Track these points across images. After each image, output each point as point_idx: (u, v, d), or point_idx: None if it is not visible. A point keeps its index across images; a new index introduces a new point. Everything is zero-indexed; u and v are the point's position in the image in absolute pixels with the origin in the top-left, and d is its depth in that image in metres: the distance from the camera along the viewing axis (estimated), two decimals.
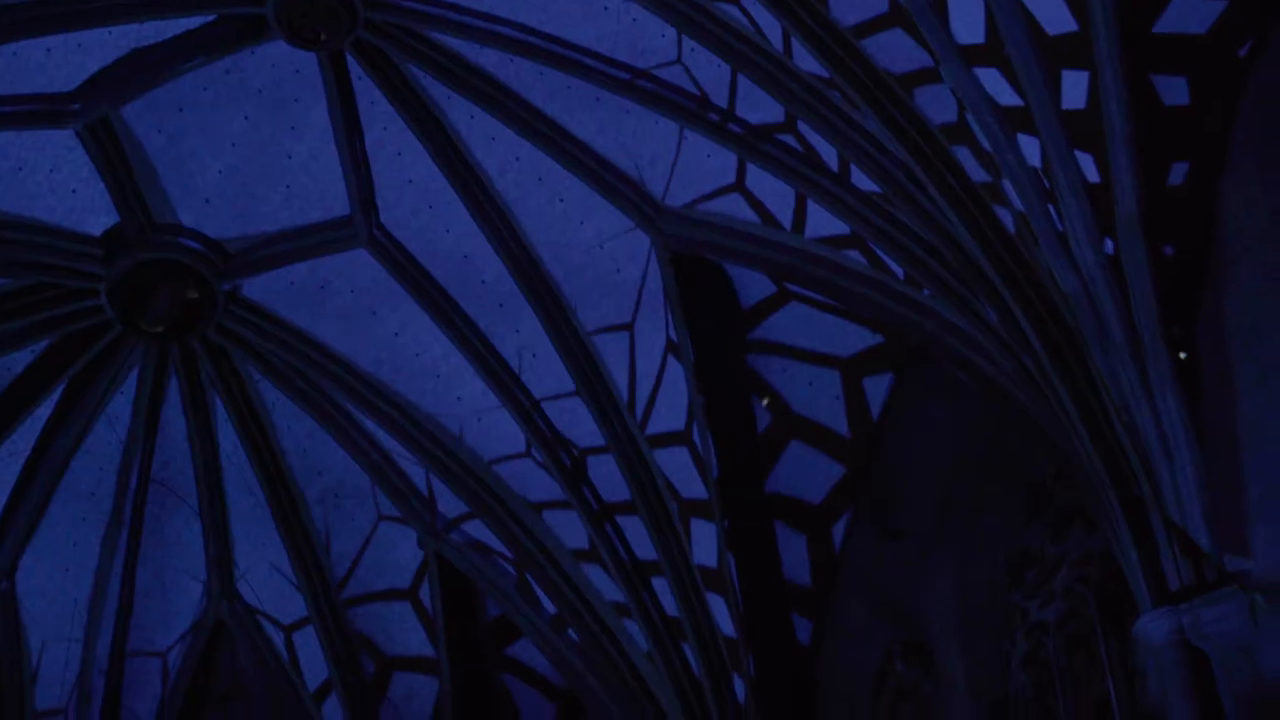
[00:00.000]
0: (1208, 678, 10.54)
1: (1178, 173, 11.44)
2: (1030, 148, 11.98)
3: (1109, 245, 11.64)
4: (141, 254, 16.56)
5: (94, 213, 16.39)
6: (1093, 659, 12.69)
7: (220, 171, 16.28)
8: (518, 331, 16.78)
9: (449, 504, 17.92)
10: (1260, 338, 10.84)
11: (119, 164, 15.93)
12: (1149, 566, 11.20)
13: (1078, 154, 11.63)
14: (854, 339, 15.85)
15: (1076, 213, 11.75)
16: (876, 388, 15.97)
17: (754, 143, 14.65)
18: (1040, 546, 13.36)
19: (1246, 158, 11.17)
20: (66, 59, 15.17)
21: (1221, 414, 11.00)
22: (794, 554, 16.31)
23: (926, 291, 13.78)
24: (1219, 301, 11.21)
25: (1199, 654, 10.59)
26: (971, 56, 11.97)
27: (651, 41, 14.78)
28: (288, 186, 16.47)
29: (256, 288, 17.22)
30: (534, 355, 16.79)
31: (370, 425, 17.71)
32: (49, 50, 15.08)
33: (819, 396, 16.22)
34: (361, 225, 16.54)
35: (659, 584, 16.68)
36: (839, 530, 16.17)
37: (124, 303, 16.84)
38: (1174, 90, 11.26)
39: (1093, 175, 11.63)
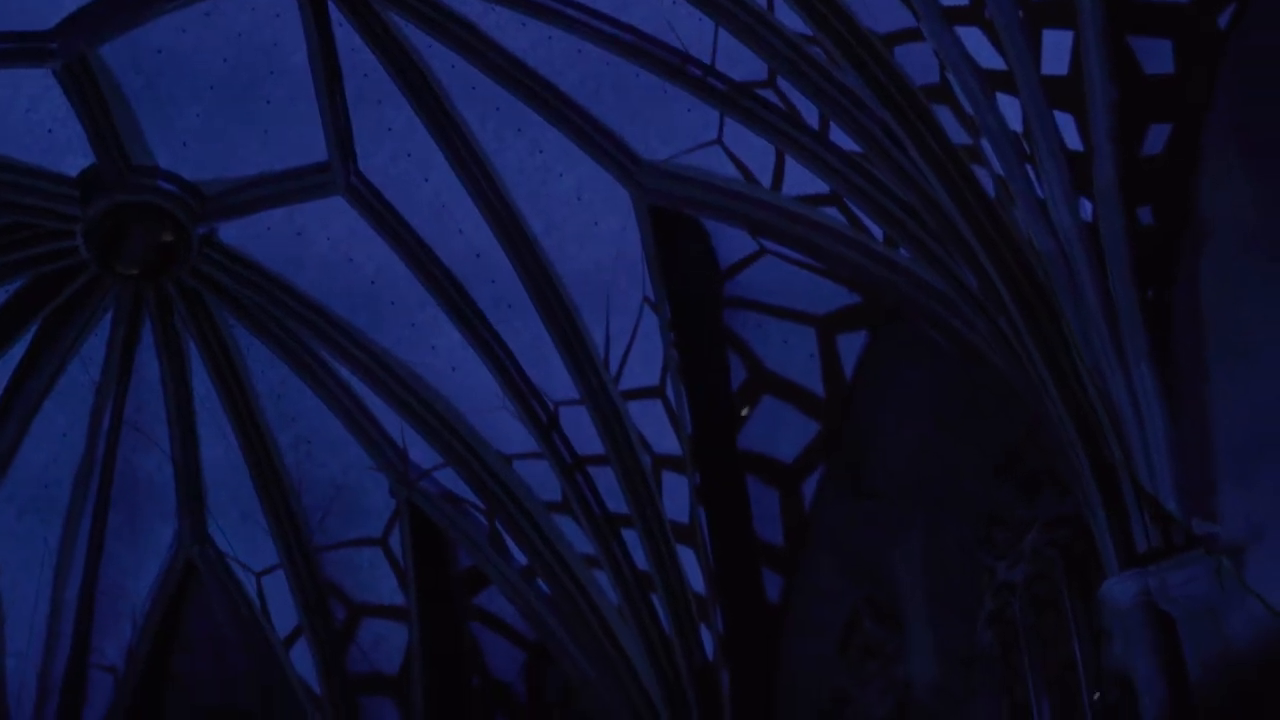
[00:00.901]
0: (1173, 640, 10.60)
1: (1158, 139, 11.46)
2: (1011, 111, 11.99)
3: (1087, 210, 11.66)
4: (118, 195, 16.47)
5: (70, 153, 16.28)
6: (1059, 620, 12.75)
7: (198, 114, 16.19)
8: (494, 282, 16.76)
9: (422, 453, 17.93)
10: (1235, 303, 10.88)
11: (96, 104, 15.82)
12: (1117, 530, 11.25)
13: (1058, 118, 11.64)
14: (830, 298, 15.84)
15: (1055, 177, 11.76)
16: (852, 347, 15.98)
17: (735, 98, 14.63)
18: (1010, 508, 13.41)
19: (1226, 123, 11.18)
20: None
21: (1194, 379, 11.05)
22: (765, 511, 16.36)
23: (903, 251, 13.80)
24: (1194, 267, 11.24)
25: (1165, 617, 10.64)
26: (954, 17, 11.97)
27: None
28: (265, 131, 16.40)
29: (232, 232, 17.16)
30: (510, 306, 16.78)
31: (344, 373, 17.68)
32: None
33: (794, 355, 16.24)
34: (339, 172, 16.48)
35: (630, 538, 16.73)
36: (811, 488, 16.23)
37: (99, 244, 16.75)
38: (1156, 56, 11.27)
39: (1073, 140, 11.64)
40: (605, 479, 16.80)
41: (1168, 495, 10.92)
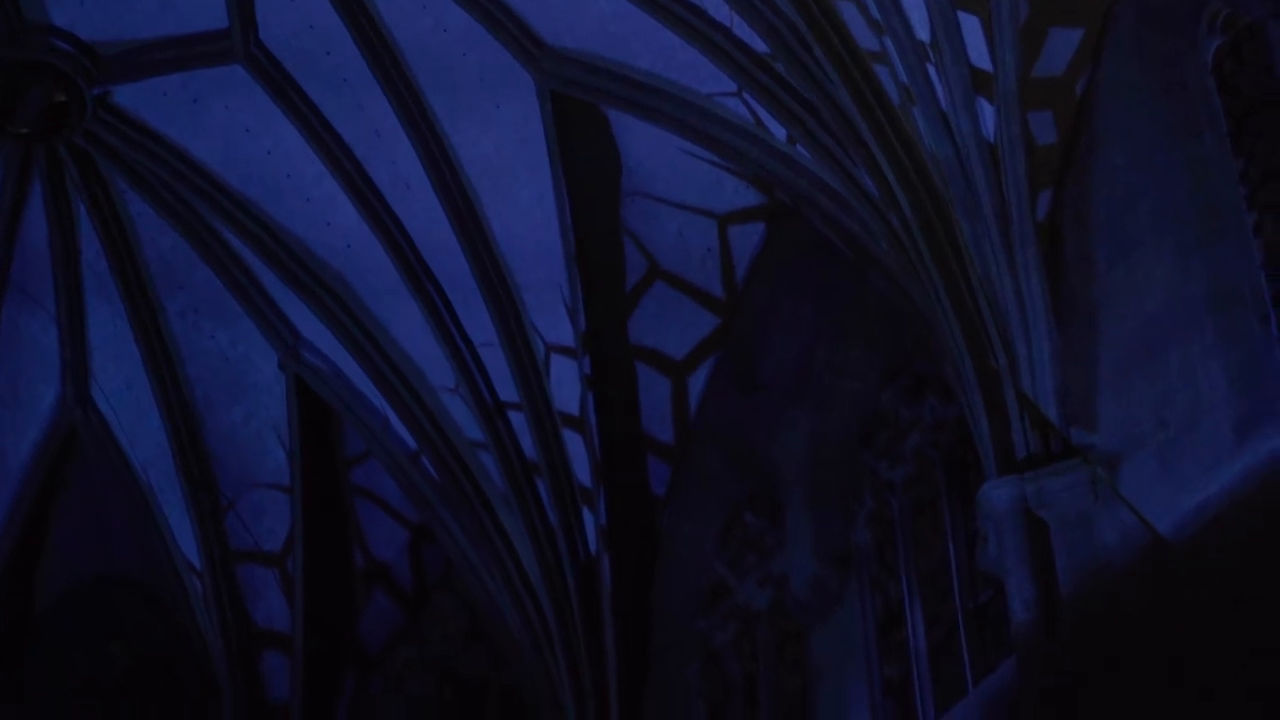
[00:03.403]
0: (1045, 546, 10.86)
1: (1061, 51, 11.57)
2: (917, 15, 12.03)
3: (987, 118, 11.78)
4: (9, 52, 16.11)
5: None
6: (935, 522, 13.01)
7: None
8: (394, 163, 16.60)
9: (313, 330, 17.79)
10: (1121, 215, 11.06)
11: None
12: (998, 436, 11.48)
13: (963, 25, 11.71)
14: (729, 193, 15.90)
15: (958, 84, 11.89)
16: (748, 243, 16.08)
17: None
18: (894, 410, 13.60)
19: (1125, 36, 11.31)
20: None
21: (1080, 290, 11.25)
22: (655, 402, 16.48)
23: (803, 150, 13.86)
24: (1085, 179, 11.41)
25: (1039, 523, 10.90)
26: None
27: None
28: None
29: (127, 96, 16.83)
30: (409, 187, 16.64)
31: (236, 244, 17.48)
32: None
33: (690, 248, 16.29)
34: (239, 40, 16.19)
35: (518, 424, 16.79)
36: (699, 381, 16.36)
37: None
38: None
39: (976, 48, 11.73)
40: (497, 365, 16.81)
41: (1049, 403, 11.14)
